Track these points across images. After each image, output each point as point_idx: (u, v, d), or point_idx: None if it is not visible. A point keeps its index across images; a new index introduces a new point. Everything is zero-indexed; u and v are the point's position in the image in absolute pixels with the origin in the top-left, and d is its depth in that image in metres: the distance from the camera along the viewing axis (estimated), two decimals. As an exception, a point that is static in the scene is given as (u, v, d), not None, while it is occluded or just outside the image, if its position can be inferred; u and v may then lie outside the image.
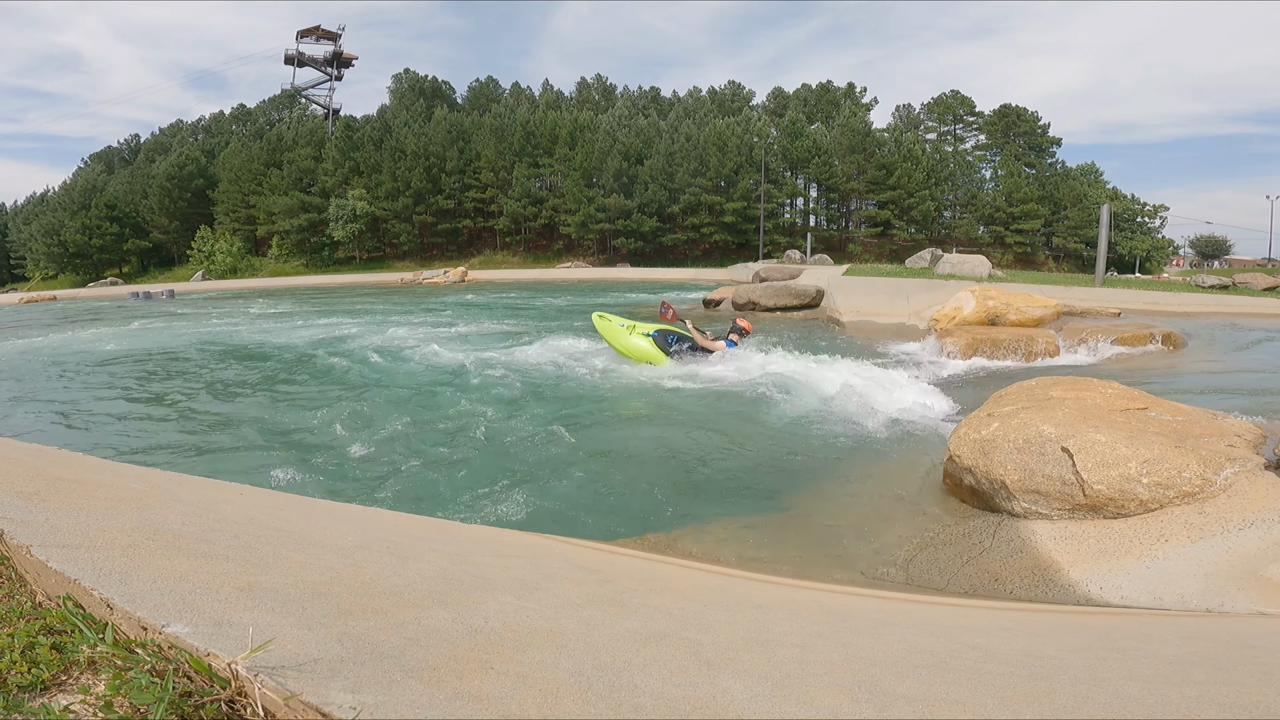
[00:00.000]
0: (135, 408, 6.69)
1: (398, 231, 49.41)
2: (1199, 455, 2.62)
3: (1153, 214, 52.26)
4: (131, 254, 51.92)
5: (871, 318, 11.20)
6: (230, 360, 9.64)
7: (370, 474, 4.31)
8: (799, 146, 47.56)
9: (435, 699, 0.82)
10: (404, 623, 1.08)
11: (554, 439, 4.95)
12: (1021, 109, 53.24)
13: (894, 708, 1.01)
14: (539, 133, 50.00)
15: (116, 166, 58.49)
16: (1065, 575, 2.52)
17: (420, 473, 4.26)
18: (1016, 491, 2.90)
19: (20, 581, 1.10)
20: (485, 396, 6.44)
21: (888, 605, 2.16)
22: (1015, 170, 50.19)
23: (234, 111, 61.25)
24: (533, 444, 4.83)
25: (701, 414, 5.60)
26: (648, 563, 2.44)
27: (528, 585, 1.58)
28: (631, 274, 37.57)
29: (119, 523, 1.34)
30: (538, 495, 3.88)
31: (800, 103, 55.25)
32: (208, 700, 0.77)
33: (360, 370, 8.19)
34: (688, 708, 0.92)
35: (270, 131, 54.09)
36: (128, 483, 1.85)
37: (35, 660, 0.85)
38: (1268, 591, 2.11)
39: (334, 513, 2.26)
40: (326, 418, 5.62)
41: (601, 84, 61.11)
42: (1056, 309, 9.25)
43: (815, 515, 3.50)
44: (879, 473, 4.06)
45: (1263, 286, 14.16)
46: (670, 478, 4.18)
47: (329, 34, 60.39)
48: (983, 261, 15.97)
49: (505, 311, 16.88)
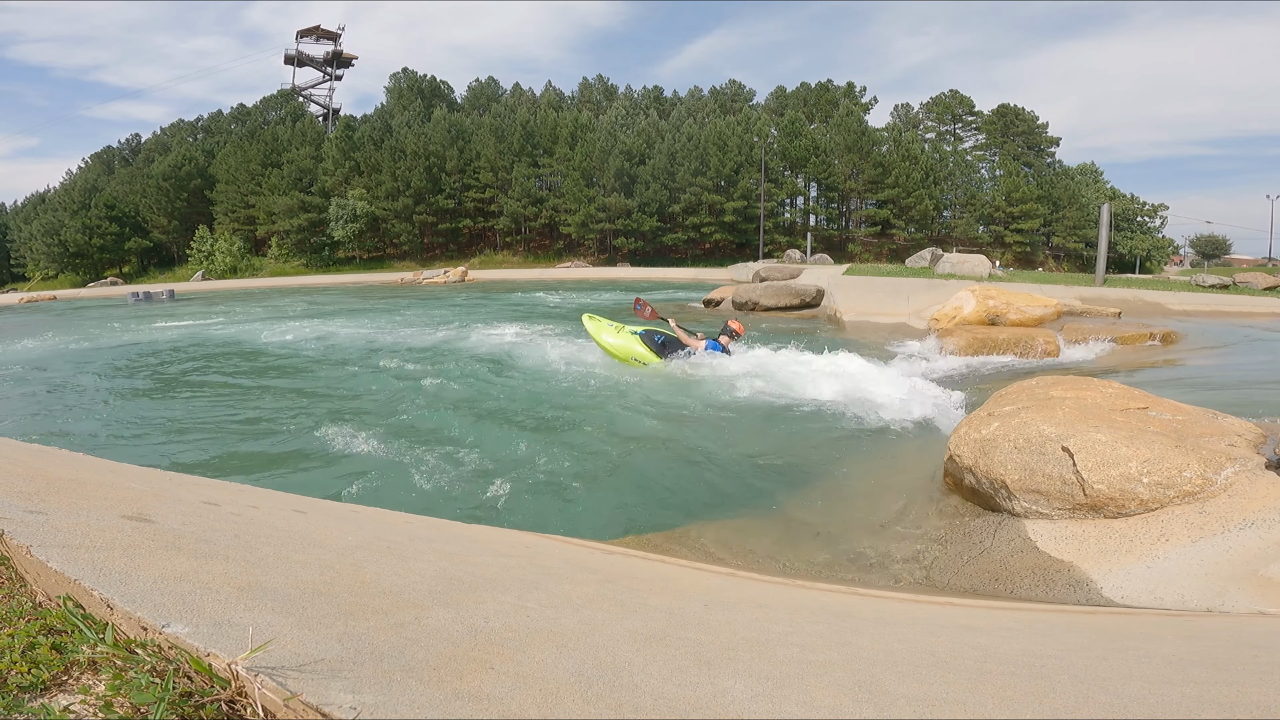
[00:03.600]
0: (136, 408, 6.69)
1: (398, 231, 49.39)
2: (1199, 455, 2.62)
3: (1152, 213, 52.26)
4: (131, 254, 51.87)
5: (871, 317, 11.20)
6: (229, 360, 9.64)
7: (370, 474, 4.30)
8: (798, 145, 47.56)
9: (435, 699, 0.82)
10: (404, 623, 1.08)
11: (554, 439, 4.95)
12: (1020, 109, 53.26)
13: (894, 708, 1.01)
14: (539, 132, 49.98)
15: (116, 166, 58.46)
16: (1066, 575, 2.52)
17: (420, 473, 4.26)
18: (1017, 491, 2.90)
19: (20, 581, 1.10)
20: (485, 396, 6.44)
21: (888, 605, 2.16)
22: (1014, 170, 50.18)
23: (233, 111, 61.22)
24: (532, 444, 4.82)
25: (701, 414, 5.60)
26: (648, 563, 2.44)
27: (528, 585, 1.58)
28: (632, 274, 37.56)
29: (119, 523, 1.34)
30: (537, 495, 3.89)
31: (800, 101, 55.24)
32: (208, 700, 0.77)
33: (359, 371, 8.19)
34: (688, 708, 0.92)
35: (265, 130, 54.02)
36: (128, 483, 1.85)
37: (35, 660, 0.85)
38: (1268, 591, 2.11)
39: (334, 513, 2.26)
40: (326, 417, 5.62)
41: (603, 84, 61.09)
42: (1056, 309, 9.25)
43: (815, 515, 3.50)
44: (879, 472, 4.06)
45: (1263, 286, 14.16)
46: (670, 478, 4.18)
47: (329, 34, 60.37)
48: (983, 261, 15.98)
49: (505, 311, 16.88)
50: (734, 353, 7.32)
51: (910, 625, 1.82)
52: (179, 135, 60.36)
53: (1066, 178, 51.19)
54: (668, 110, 55.69)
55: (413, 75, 60.03)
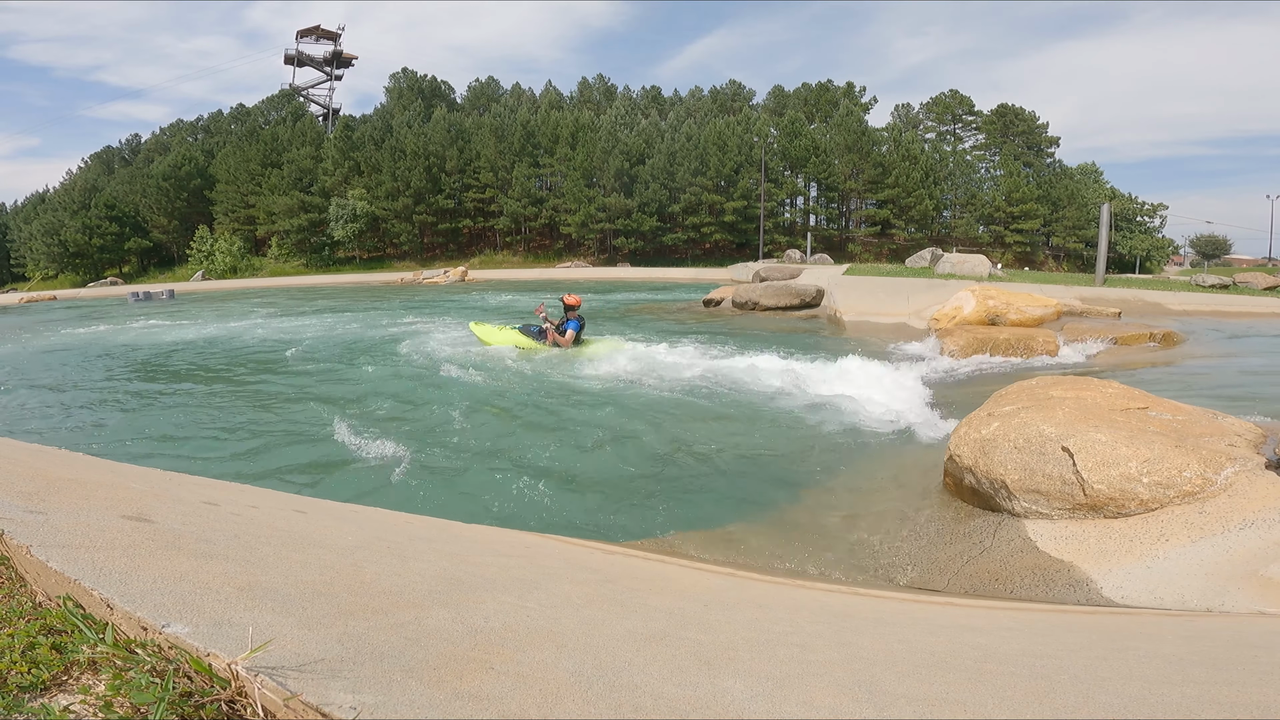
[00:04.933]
0: (136, 408, 6.69)
1: (398, 231, 49.38)
2: (1199, 455, 2.62)
3: (1152, 213, 52.26)
4: (131, 254, 51.86)
5: (871, 317, 11.20)
6: (229, 360, 9.64)
7: (370, 473, 4.31)
8: (798, 145, 47.55)
9: (435, 699, 0.82)
10: (404, 623, 1.08)
11: (553, 439, 4.95)
12: (1019, 109, 53.24)
13: (894, 707, 1.01)
14: (539, 132, 49.98)
15: (116, 166, 58.45)
16: (1065, 575, 2.52)
17: (419, 473, 4.26)
18: (1017, 491, 2.90)
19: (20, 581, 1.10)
20: (484, 397, 6.44)
21: (888, 605, 2.16)
22: (1014, 170, 50.17)
23: (233, 111, 61.20)
24: (532, 444, 4.83)
25: (701, 414, 5.60)
26: (648, 563, 2.44)
27: (528, 585, 1.58)
28: (632, 274, 37.56)
29: (119, 523, 1.34)
30: (537, 495, 3.89)
31: (800, 102, 55.21)
32: (208, 700, 0.77)
33: (358, 371, 8.19)
34: (688, 708, 0.92)
35: (265, 131, 54.01)
36: (128, 483, 1.85)
37: (35, 660, 0.85)
38: (1268, 591, 2.11)
39: (334, 513, 2.26)
40: (326, 418, 5.62)
41: (603, 83, 61.07)
42: (1056, 309, 9.25)
43: (815, 515, 3.50)
44: (879, 473, 4.06)
45: (1263, 286, 14.17)
46: (671, 478, 4.18)
47: (329, 34, 60.35)
48: (983, 261, 15.98)
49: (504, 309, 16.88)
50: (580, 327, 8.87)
51: (910, 625, 1.82)
52: (179, 135, 60.35)
53: (1067, 178, 51.17)
54: (667, 110, 55.67)
55: (412, 75, 60.02)
